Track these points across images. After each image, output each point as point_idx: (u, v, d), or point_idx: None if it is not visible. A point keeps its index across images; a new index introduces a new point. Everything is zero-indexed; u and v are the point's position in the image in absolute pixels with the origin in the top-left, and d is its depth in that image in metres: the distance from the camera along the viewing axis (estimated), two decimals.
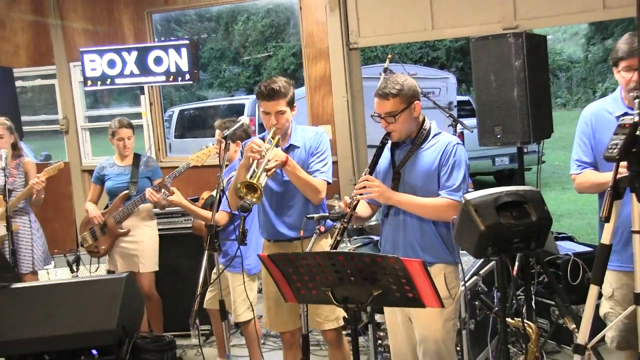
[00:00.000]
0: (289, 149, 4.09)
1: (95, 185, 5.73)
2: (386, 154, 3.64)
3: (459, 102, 13.33)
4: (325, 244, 4.09)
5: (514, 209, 2.95)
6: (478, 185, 3.66)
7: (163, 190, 5.22)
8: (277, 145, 3.94)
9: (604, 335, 3.45)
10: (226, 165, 4.73)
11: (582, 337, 3.13)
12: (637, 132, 2.85)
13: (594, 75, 25.89)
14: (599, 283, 3.13)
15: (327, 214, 3.91)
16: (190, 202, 5.30)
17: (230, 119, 5.04)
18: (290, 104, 4.05)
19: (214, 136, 5.20)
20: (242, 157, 4.08)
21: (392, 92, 3.47)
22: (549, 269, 5.35)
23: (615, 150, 2.82)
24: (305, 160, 4.08)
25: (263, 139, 3.99)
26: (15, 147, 5.85)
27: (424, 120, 3.63)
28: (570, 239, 6.35)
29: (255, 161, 3.80)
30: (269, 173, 3.81)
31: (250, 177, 3.72)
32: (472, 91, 13.78)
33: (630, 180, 2.88)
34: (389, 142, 3.60)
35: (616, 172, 2.90)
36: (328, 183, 4.08)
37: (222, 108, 15.49)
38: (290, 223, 4.14)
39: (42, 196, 5.75)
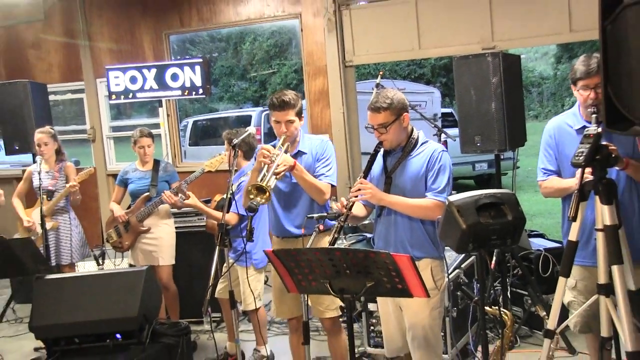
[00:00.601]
0: (297, 154, 4.07)
1: (119, 188, 5.73)
2: (379, 160, 3.64)
3: (443, 114, 13.32)
4: (325, 241, 4.08)
5: (492, 209, 2.96)
6: (460, 189, 3.65)
7: (180, 195, 5.22)
8: (286, 152, 3.93)
9: (567, 322, 3.46)
10: (235, 171, 4.74)
11: (551, 323, 3.15)
12: (600, 142, 2.88)
13: (562, 90, 25.95)
14: (567, 275, 3.15)
15: (326, 214, 3.90)
16: (203, 204, 5.30)
17: (236, 129, 5.05)
18: (299, 114, 4.06)
19: (224, 144, 5.19)
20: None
21: (383, 105, 3.48)
22: (522, 263, 5.37)
23: (581, 158, 2.84)
24: (312, 165, 4.06)
25: (274, 146, 3.99)
26: (59, 152, 5.88)
27: (412, 130, 3.63)
28: (541, 236, 6.36)
29: (266, 165, 3.80)
30: (277, 176, 3.81)
31: (261, 180, 3.72)
32: (455, 104, 13.77)
33: (594, 184, 2.90)
34: (382, 150, 3.60)
35: (582, 177, 2.92)
36: (332, 185, 4.07)
37: (232, 119, 15.47)
38: (297, 221, 4.12)
39: (79, 197, 5.80)
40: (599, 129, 2.87)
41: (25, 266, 4.36)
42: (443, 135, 5.98)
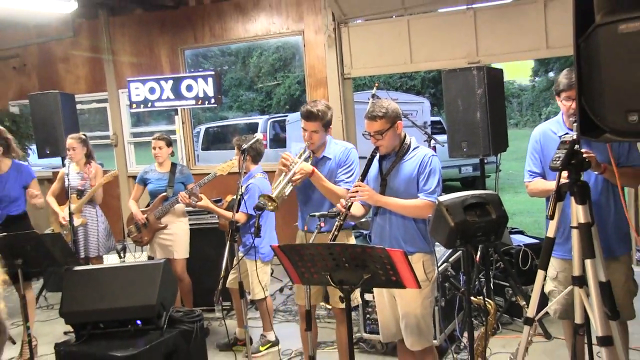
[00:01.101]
0: (323, 159, 4.04)
1: (139, 186, 5.73)
2: (375, 164, 3.64)
3: (432, 122, 13.28)
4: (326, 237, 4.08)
5: (478, 209, 2.96)
6: (447, 190, 3.65)
7: (193, 198, 5.22)
8: (307, 159, 3.91)
9: (547, 309, 3.47)
10: (244, 174, 4.74)
11: (531, 311, 3.15)
12: (575, 148, 2.89)
13: (539, 101, 26.02)
14: (545, 268, 3.15)
15: (327, 213, 3.88)
16: (214, 203, 5.32)
17: (245, 136, 5.05)
18: (326, 125, 4.00)
19: (233, 149, 5.19)
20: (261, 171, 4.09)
21: (379, 114, 3.48)
22: (504, 257, 5.38)
23: (558, 162, 2.85)
24: (335, 170, 4.02)
25: (305, 150, 3.96)
26: (89, 156, 5.89)
27: (405, 136, 3.63)
28: (521, 233, 6.36)
29: (284, 173, 3.80)
30: (294, 183, 3.80)
31: (274, 188, 3.72)
32: (442, 113, 13.77)
33: (570, 186, 2.90)
34: (377, 154, 3.60)
35: (559, 179, 2.93)
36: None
37: (240, 126, 15.46)
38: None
39: (101, 195, 5.87)
40: (574, 136, 2.88)
41: (55, 259, 4.37)
42: (432, 141, 5.99)
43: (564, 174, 2.93)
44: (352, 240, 4.24)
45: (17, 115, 9.65)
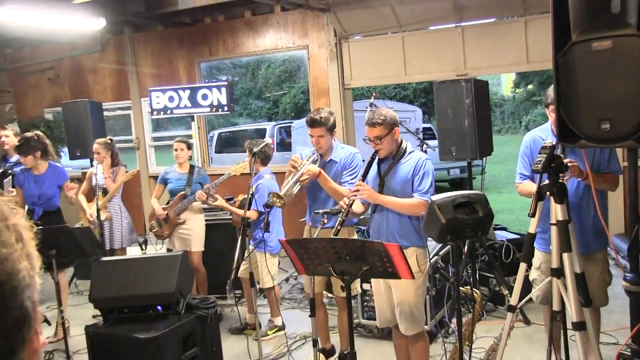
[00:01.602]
0: (330, 162, 4.05)
1: (160, 185, 5.74)
2: (374, 166, 3.64)
3: (423, 128, 13.25)
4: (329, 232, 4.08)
5: (467, 207, 2.96)
6: (436, 190, 3.66)
7: (210, 198, 5.24)
8: (315, 161, 3.92)
9: (530, 296, 3.48)
10: (255, 174, 4.75)
11: (514, 299, 3.15)
12: (555, 153, 2.90)
13: (519, 110, 25.98)
14: (526, 261, 3.16)
15: (330, 210, 3.89)
16: (226, 201, 5.34)
17: (255, 140, 5.07)
18: (330, 130, 4.00)
19: (244, 152, 5.21)
20: (270, 173, 4.11)
21: (379, 121, 3.48)
22: (489, 251, 5.37)
23: (539, 165, 2.85)
24: (340, 172, 4.04)
25: (314, 153, 3.98)
26: (114, 158, 5.89)
27: (402, 141, 3.63)
28: (504, 229, 6.35)
29: (293, 174, 3.81)
30: (302, 183, 3.82)
31: (283, 186, 3.74)
32: (433, 120, 13.76)
33: (549, 187, 2.90)
34: (377, 157, 3.60)
35: (540, 181, 2.93)
36: None
37: (249, 131, 15.46)
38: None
39: (115, 193, 5.84)
40: (553, 142, 2.89)
41: (85, 250, 4.38)
42: (424, 146, 5.99)
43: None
44: (355, 236, 4.25)
45: (51, 121, 9.71)
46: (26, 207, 5.40)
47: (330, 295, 5.05)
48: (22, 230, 0.66)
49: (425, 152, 5.87)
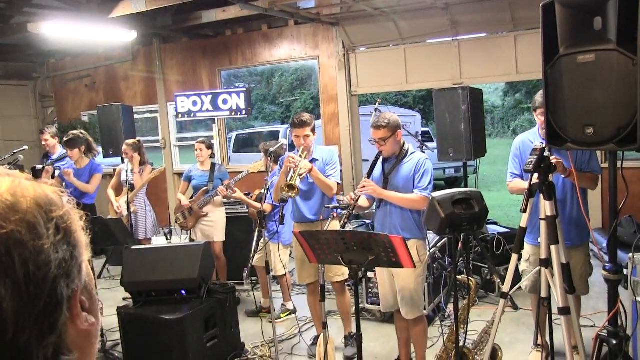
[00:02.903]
0: (312, 161, 4.07)
1: (184, 182, 5.75)
2: (379, 165, 3.64)
3: (422, 132, 13.23)
4: (336, 225, 4.09)
5: (464, 203, 2.96)
6: (434, 188, 3.66)
7: (229, 190, 5.26)
8: (305, 159, 3.96)
9: (520, 285, 3.48)
10: (269, 172, 4.77)
11: (505, 287, 3.15)
12: (545, 154, 2.89)
13: (508, 116, 25.95)
14: (518, 252, 3.16)
15: (338, 204, 3.91)
16: (245, 196, 5.36)
17: (269, 142, 5.09)
18: (313, 130, 4.05)
19: (259, 152, 5.22)
20: (281, 167, 4.12)
21: (383, 124, 3.49)
22: (482, 243, 5.36)
23: (530, 165, 2.85)
24: (323, 168, 4.06)
25: (295, 153, 4.00)
26: (142, 157, 5.91)
27: (404, 143, 3.64)
28: (495, 223, 6.35)
29: (292, 169, 3.82)
30: (301, 177, 3.83)
31: (289, 180, 3.75)
32: (430, 125, 13.70)
33: (539, 186, 2.90)
34: (381, 157, 3.61)
35: (531, 180, 2.93)
36: (338, 183, 4.08)
37: (264, 133, 15.46)
38: (312, 209, 4.13)
39: (140, 190, 5.83)
40: (543, 145, 2.88)
41: (117, 239, 4.40)
42: (424, 147, 5.97)
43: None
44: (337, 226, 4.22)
45: (87, 123, 9.81)
46: None
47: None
48: (67, 221, 0.65)
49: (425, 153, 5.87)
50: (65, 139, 5.63)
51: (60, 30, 6.41)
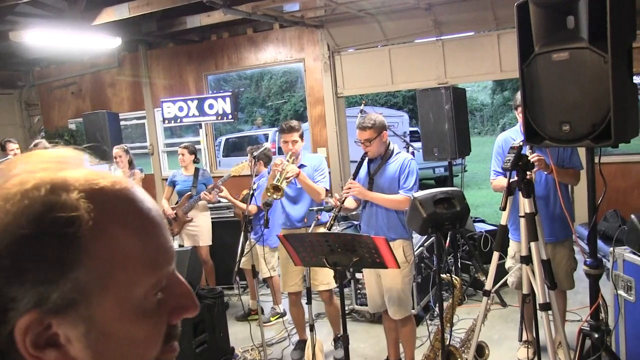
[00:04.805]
0: (300, 167, 4.06)
1: (169, 187, 5.75)
2: (364, 166, 3.66)
3: (411, 132, 13.25)
4: (321, 230, 4.09)
5: (446, 202, 2.97)
6: (423, 187, 3.67)
7: (215, 189, 5.26)
8: (293, 164, 3.96)
9: (505, 281, 3.50)
10: (256, 175, 4.77)
11: (488, 285, 3.17)
12: (523, 152, 2.92)
13: (497, 114, 26.13)
14: (499, 250, 3.18)
15: (323, 207, 3.92)
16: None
17: (257, 145, 5.09)
18: (301, 136, 4.06)
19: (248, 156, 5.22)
20: (269, 172, 4.12)
21: (369, 125, 3.50)
22: (469, 241, 5.38)
23: (508, 164, 2.87)
24: (312, 174, 4.05)
25: (283, 158, 4.00)
26: (130, 163, 5.90)
27: (389, 143, 3.65)
28: (482, 221, 6.36)
29: (279, 172, 3.83)
30: (287, 181, 3.83)
31: (275, 182, 3.76)
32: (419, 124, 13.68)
33: (518, 183, 2.93)
34: (366, 158, 3.62)
35: (509, 178, 2.96)
36: (326, 189, 4.07)
37: (253, 137, 15.45)
38: (299, 215, 4.13)
39: None
40: (521, 143, 2.91)
41: None
42: (411, 148, 6.01)
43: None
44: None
45: (74, 130, 9.73)
46: None
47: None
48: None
49: (412, 153, 5.90)
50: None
51: (43, 39, 6.37)
